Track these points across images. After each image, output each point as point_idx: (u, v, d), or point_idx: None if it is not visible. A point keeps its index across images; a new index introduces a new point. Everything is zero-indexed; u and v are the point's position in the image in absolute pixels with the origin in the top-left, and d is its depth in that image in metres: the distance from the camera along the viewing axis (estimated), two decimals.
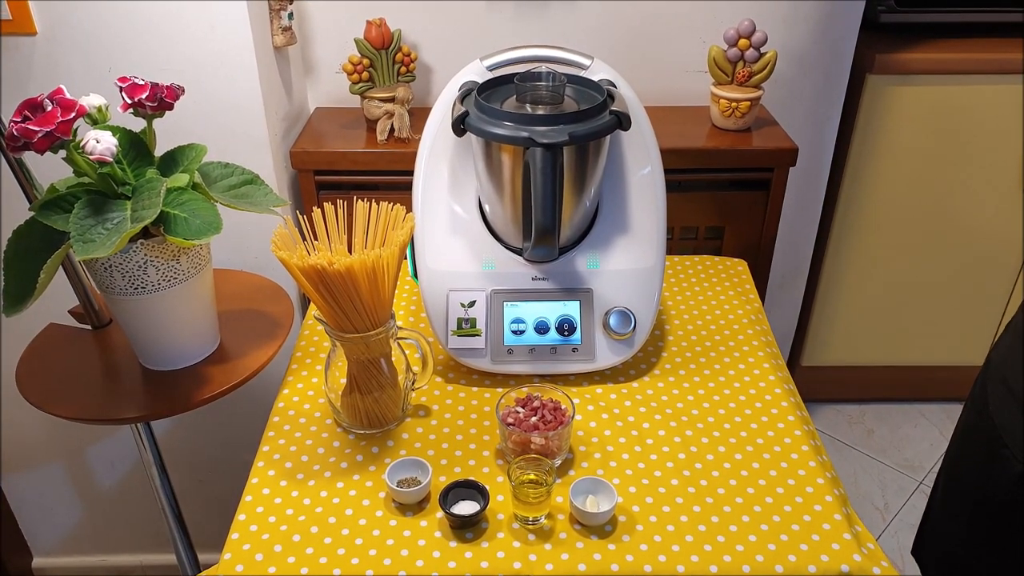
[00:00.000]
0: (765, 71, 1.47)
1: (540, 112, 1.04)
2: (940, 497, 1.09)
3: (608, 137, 1.04)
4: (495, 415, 1.00)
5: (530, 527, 0.91)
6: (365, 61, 1.46)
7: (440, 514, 0.91)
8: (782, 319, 2.00)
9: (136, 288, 1.03)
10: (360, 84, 1.48)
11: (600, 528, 0.90)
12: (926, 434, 2.15)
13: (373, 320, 0.98)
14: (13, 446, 1.72)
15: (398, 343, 1.06)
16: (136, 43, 1.29)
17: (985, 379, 0.99)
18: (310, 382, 1.13)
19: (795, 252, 1.89)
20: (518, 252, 1.12)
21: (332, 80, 1.59)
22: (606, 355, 1.11)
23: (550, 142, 0.95)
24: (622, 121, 1.02)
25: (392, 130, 1.47)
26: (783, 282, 1.93)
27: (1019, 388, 0.90)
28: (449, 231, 1.13)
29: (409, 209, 1.04)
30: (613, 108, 1.03)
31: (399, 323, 1.13)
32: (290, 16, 1.42)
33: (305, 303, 1.52)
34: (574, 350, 1.11)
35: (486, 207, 1.12)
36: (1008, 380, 0.93)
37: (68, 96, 0.94)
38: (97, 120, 1.02)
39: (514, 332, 1.10)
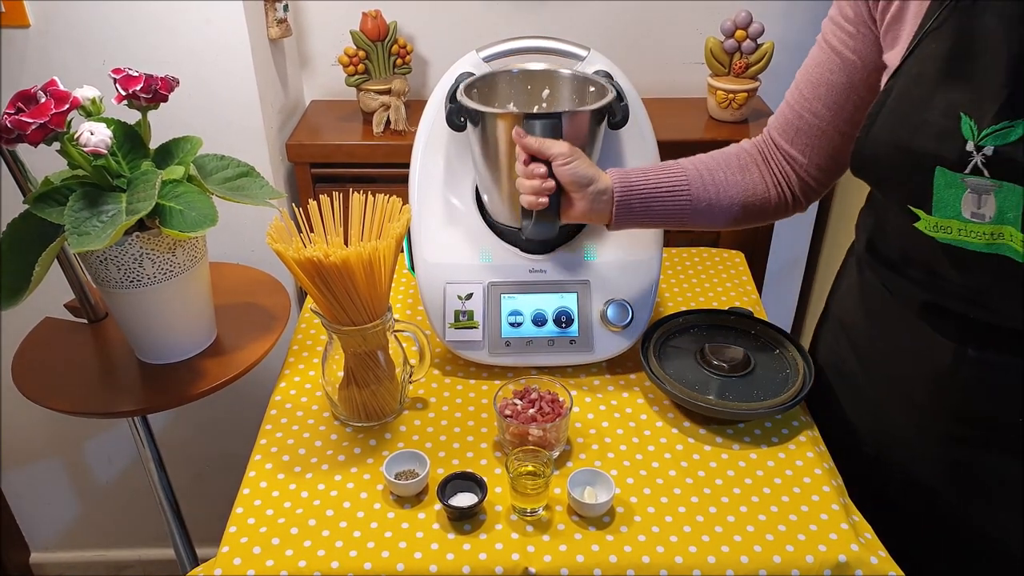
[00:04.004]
0: (762, 62, 1.47)
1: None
2: None
3: (603, 124, 1.04)
4: (493, 407, 1.00)
5: (528, 519, 0.91)
6: (361, 53, 1.46)
7: (438, 506, 0.91)
8: (779, 310, 2.00)
9: (132, 281, 1.03)
10: (356, 76, 1.47)
11: (598, 519, 0.90)
12: None
13: (370, 313, 0.97)
14: (10, 441, 1.72)
15: (395, 336, 1.05)
16: (130, 36, 1.29)
17: None
18: (307, 375, 1.13)
19: (792, 243, 1.89)
20: (515, 244, 1.12)
21: (328, 72, 1.59)
22: (604, 347, 1.11)
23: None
24: (620, 96, 1.01)
25: (388, 122, 1.47)
26: (780, 274, 1.93)
27: None
28: (446, 223, 1.13)
29: (405, 201, 1.03)
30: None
31: (396, 316, 1.13)
32: (285, 8, 1.42)
33: (302, 296, 1.51)
34: (572, 342, 1.10)
35: (484, 196, 1.12)
36: None
37: (62, 88, 0.93)
38: (91, 112, 1.01)
39: (511, 324, 1.10)
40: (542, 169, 0.94)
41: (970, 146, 0.75)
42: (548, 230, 1.02)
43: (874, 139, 0.83)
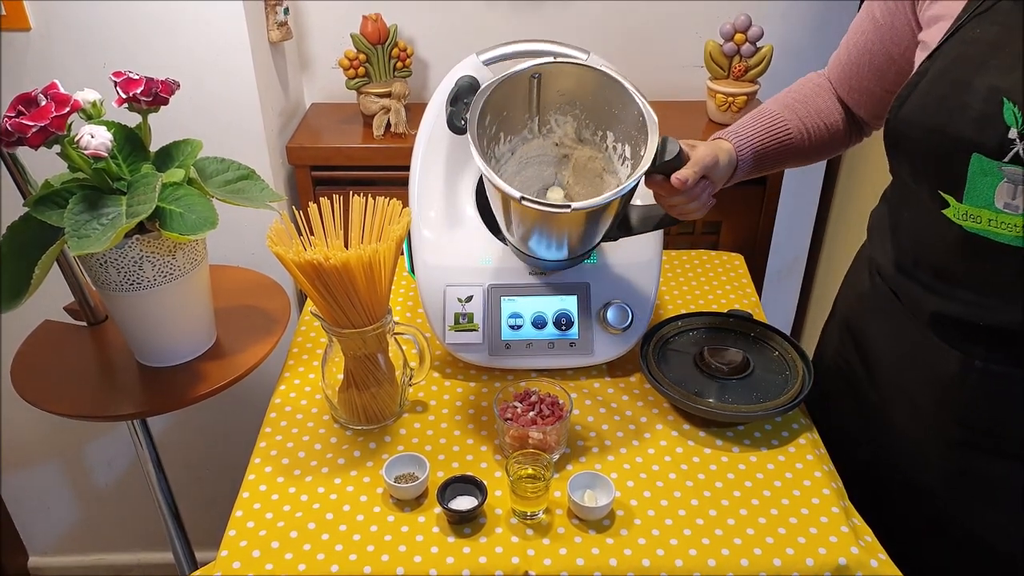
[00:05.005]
0: (761, 65, 1.47)
1: None
2: None
3: None
4: (493, 410, 1.00)
5: (528, 522, 0.90)
6: (361, 56, 1.46)
7: (438, 509, 0.91)
8: (779, 313, 2.00)
9: (132, 284, 1.03)
10: (356, 79, 1.47)
11: (598, 523, 0.90)
12: None
13: (370, 315, 0.97)
14: (9, 444, 1.72)
15: (395, 338, 1.05)
16: (131, 38, 1.29)
17: None
18: (307, 378, 1.13)
19: (792, 246, 1.89)
20: (513, 245, 1.12)
21: (328, 75, 1.59)
22: (604, 349, 1.11)
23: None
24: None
25: (388, 125, 1.47)
26: (780, 276, 1.93)
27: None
28: (446, 226, 1.13)
29: (406, 204, 1.03)
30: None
31: (396, 318, 1.13)
32: (286, 11, 1.42)
33: (302, 299, 1.51)
34: (571, 345, 1.10)
35: (512, 238, 1.06)
36: None
37: (62, 91, 0.93)
38: (92, 115, 1.01)
39: (511, 327, 1.10)
40: (710, 188, 0.95)
41: (1012, 133, 0.72)
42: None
43: (904, 120, 0.81)
